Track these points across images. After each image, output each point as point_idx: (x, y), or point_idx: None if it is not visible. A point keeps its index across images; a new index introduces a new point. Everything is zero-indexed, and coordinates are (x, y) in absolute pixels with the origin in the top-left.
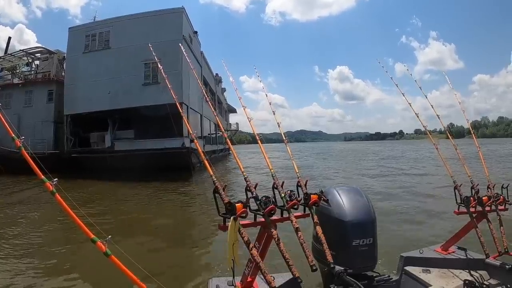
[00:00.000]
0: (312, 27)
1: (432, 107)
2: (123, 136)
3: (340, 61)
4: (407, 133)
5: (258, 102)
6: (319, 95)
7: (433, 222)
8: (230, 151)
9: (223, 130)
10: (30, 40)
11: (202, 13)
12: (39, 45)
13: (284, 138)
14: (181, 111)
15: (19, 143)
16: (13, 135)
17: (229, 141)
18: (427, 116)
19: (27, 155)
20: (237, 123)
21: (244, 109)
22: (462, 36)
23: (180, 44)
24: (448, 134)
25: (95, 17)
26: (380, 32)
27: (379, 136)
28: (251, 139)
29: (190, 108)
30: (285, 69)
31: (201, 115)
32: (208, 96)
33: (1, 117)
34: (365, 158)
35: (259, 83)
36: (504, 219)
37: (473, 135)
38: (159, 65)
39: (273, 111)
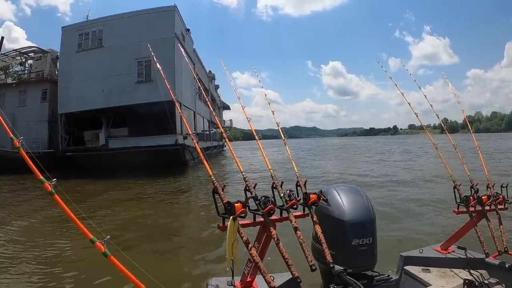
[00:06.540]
0: (304, 22)
1: (429, 102)
2: (117, 134)
3: (333, 56)
4: (401, 129)
5: (251, 99)
6: (313, 90)
7: (433, 221)
8: (224, 148)
9: (222, 130)
10: (19, 37)
11: (192, 8)
12: (29, 42)
13: (283, 138)
14: (179, 110)
15: (18, 143)
16: (12, 136)
17: (228, 142)
18: (421, 111)
19: (26, 155)
20: (230, 120)
21: (243, 108)
22: (457, 30)
23: (179, 45)
24: (447, 133)
25: (87, 16)
26: (373, 26)
27: (373, 132)
28: (243, 135)
29: (183, 105)
30: (278, 64)
31: (194, 112)
32: (207, 96)
33: (0, 117)
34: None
35: (252, 79)
36: (504, 218)
37: (472, 134)
38: (158, 65)
39: (272, 111)
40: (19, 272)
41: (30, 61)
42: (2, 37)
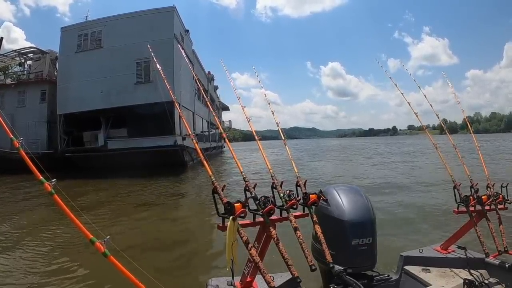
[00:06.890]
0: (304, 23)
1: (428, 102)
2: (116, 135)
3: (332, 57)
4: (400, 129)
5: (250, 100)
6: (312, 91)
7: (433, 221)
8: (223, 149)
9: (221, 130)
10: (18, 38)
11: (191, 8)
12: (28, 43)
13: (283, 139)
14: (179, 111)
15: (17, 144)
16: (12, 136)
17: (228, 142)
18: (420, 112)
19: (25, 156)
20: (229, 121)
21: (243, 108)
22: (456, 31)
23: (178, 46)
24: (448, 133)
25: (87, 16)
26: (372, 27)
27: (372, 132)
28: (243, 136)
29: (182, 105)
30: (278, 65)
31: (193, 113)
32: (207, 96)
33: (0, 118)
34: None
35: (251, 80)
36: (504, 218)
37: (472, 135)
38: (158, 66)
39: (272, 111)
40: (18, 271)
41: (29, 62)
42: (2, 38)
